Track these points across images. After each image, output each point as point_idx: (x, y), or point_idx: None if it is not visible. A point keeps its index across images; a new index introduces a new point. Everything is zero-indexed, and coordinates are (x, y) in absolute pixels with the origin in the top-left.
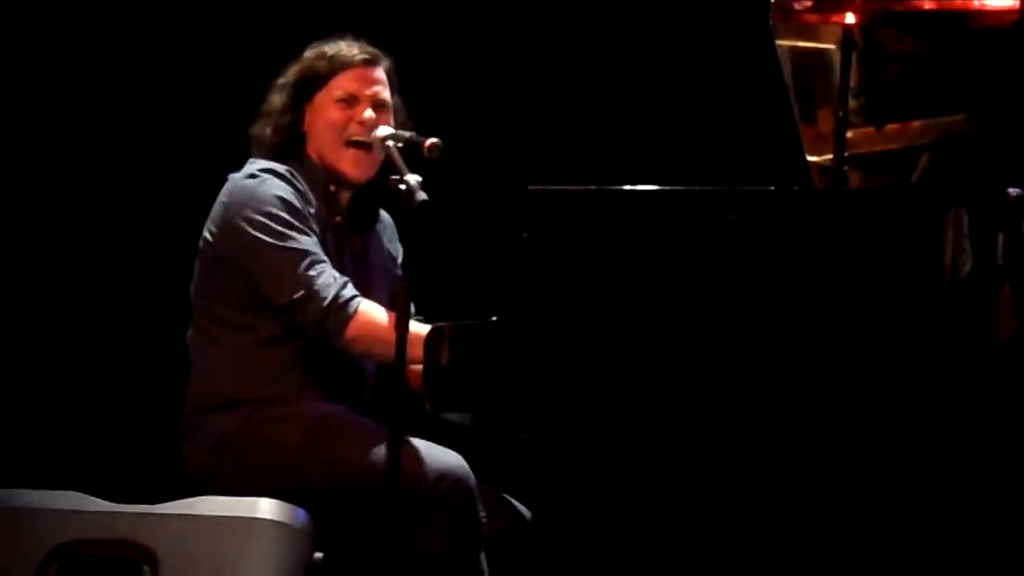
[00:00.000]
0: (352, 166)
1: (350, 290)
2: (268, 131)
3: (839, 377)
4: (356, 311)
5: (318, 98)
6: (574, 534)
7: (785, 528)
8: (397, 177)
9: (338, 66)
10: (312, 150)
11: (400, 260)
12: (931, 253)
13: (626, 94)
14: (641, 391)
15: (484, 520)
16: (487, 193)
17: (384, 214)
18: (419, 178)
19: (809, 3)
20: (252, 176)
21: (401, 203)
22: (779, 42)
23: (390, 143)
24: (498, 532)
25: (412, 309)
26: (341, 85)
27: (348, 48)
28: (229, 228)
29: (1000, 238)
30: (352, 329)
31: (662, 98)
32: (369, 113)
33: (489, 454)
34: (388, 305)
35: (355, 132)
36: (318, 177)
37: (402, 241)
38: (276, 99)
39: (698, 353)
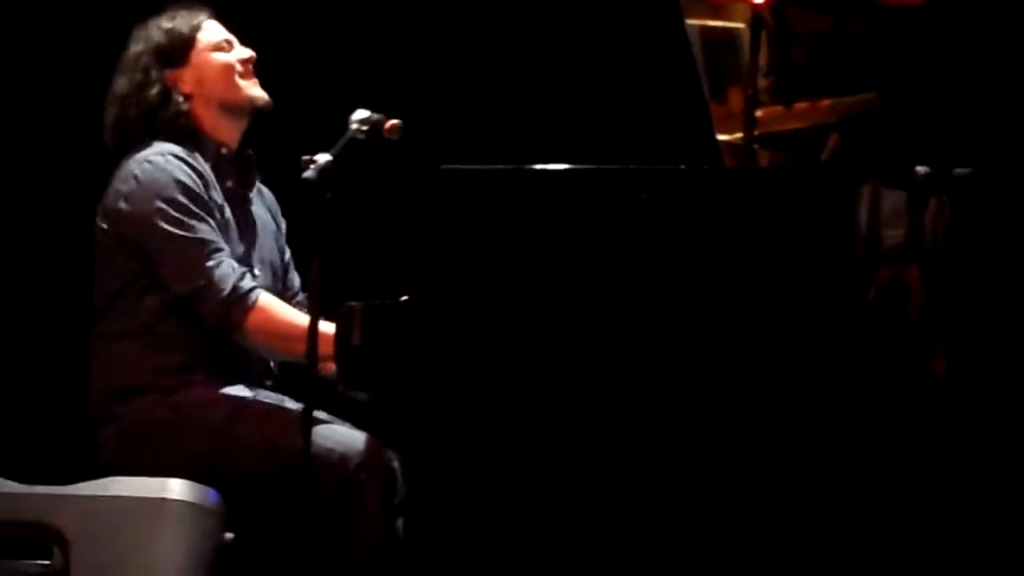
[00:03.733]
0: (257, 90)
1: (248, 281)
2: (132, 112)
3: (749, 357)
4: (255, 303)
5: (193, 56)
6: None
7: (690, 515)
8: (308, 157)
9: (196, 23)
10: (200, 108)
11: (284, 233)
12: (841, 231)
13: (538, 73)
14: (551, 371)
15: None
16: (400, 172)
17: (265, 189)
18: (329, 158)
19: None
20: (150, 160)
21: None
22: (689, 21)
23: (355, 125)
24: (411, 519)
25: (298, 284)
26: (207, 37)
27: (185, 8)
28: (128, 213)
29: (908, 217)
30: (251, 322)
31: (574, 77)
32: (247, 52)
33: (403, 437)
34: (273, 277)
35: (243, 70)
36: (209, 147)
37: (311, 219)
38: (129, 79)
39: (608, 333)
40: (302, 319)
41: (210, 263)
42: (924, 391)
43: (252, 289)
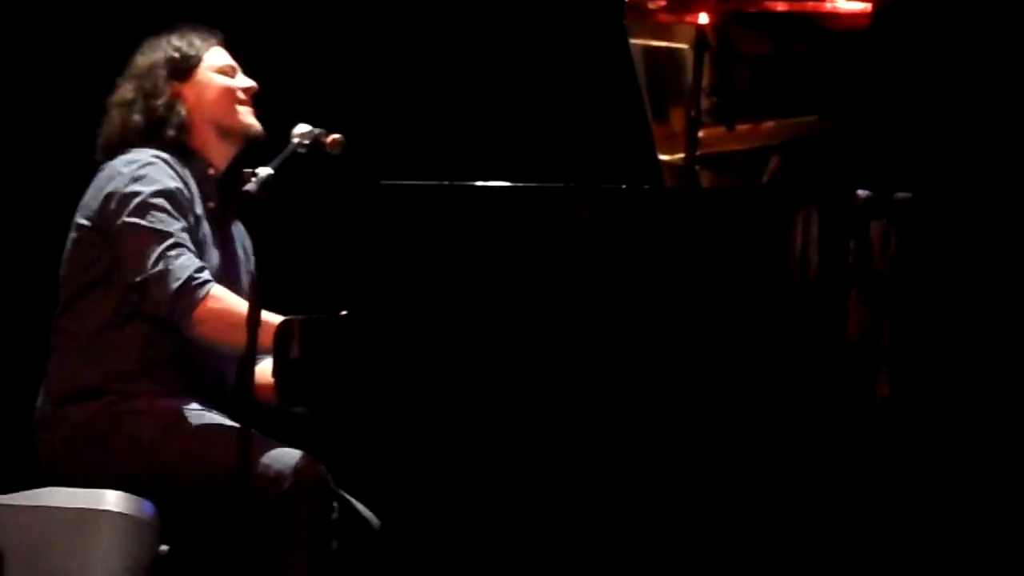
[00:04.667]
0: (252, 120)
1: (205, 275)
2: (136, 118)
3: (684, 377)
4: (207, 295)
5: (198, 73)
6: (422, 539)
7: (627, 530)
8: (250, 170)
9: (206, 44)
10: (197, 126)
11: (252, 255)
12: (780, 254)
13: (480, 90)
14: (487, 386)
15: (335, 518)
16: (340, 187)
17: (242, 226)
18: (270, 171)
19: (663, 3)
20: (136, 160)
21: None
22: (633, 41)
23: (296, 139)
24: (346, 537)
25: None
26: (214, 60)
27: (195, 30)
28: (108, 210)
29: (849, 240)
30: (200, 312)
31: (516, 95)
32: (250, 82)
33: (337, 454)
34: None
35: (243, 98)
36: (198, 164)
37: (249, 232)
38: (137, 86)
39: (548, 352)
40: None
41: (171, 253)
42: (867, 413)
43: (205, 282)
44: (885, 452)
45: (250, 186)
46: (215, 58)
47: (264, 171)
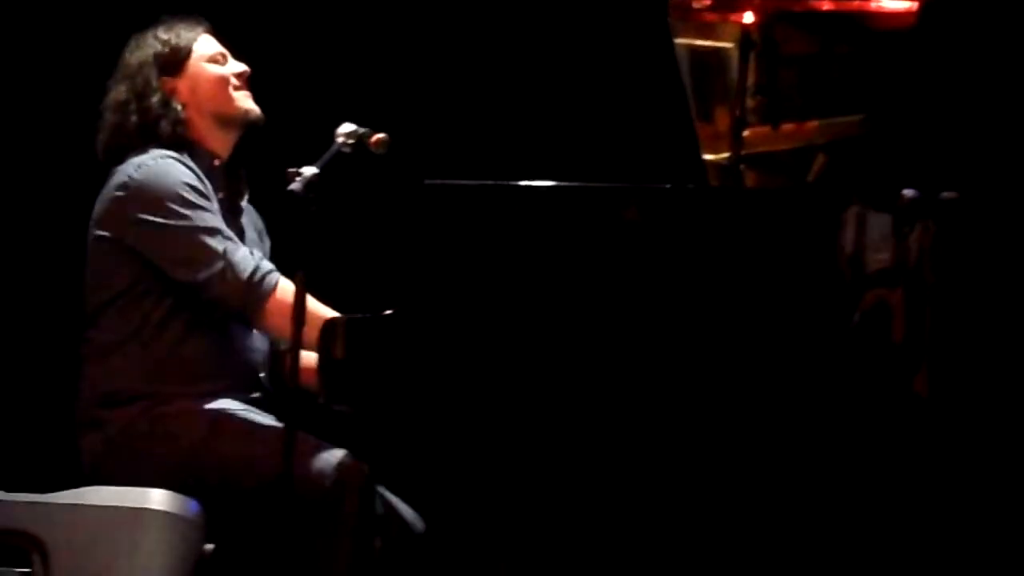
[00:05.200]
0: (250, 104)
1: (267, 265)
2: (132, 119)
3: (733, 377)
4: (276, 286)
5: (189, 66)
6: (466, 539)
7: (677, 531)
8: (295, 169)
9: (192, 35)
10: (195, 118)
11: (268, 251)
12: (824, 253)
13: (525, 90)
14: (532, 386)
15: (378, 516)
16: (384, 186)
17: (252, 208)
18: (315, 170)
19: (708, 2)
20: (148, 164)
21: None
22: (677, 40)
23: (341, 139)
24: (388, 534)
25: None
26: (203, 50)
27: (181, 20)
28: (134, 214)
29: (894, 239)
30: (272, 303)
31: (561, 94)
32: (242, 67)
33: (381, 454)
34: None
35: (238, 83)
36: (202, 157)
37: (295, 231)
38: (129, 87)
39: (594, 352)
40: (321, 308)
41: (227, 246)
42: (907, 411)
43: (271, 272)
44: (924, 451)
45: (295, 185)
46: (204, 47)
47: (309, 170)
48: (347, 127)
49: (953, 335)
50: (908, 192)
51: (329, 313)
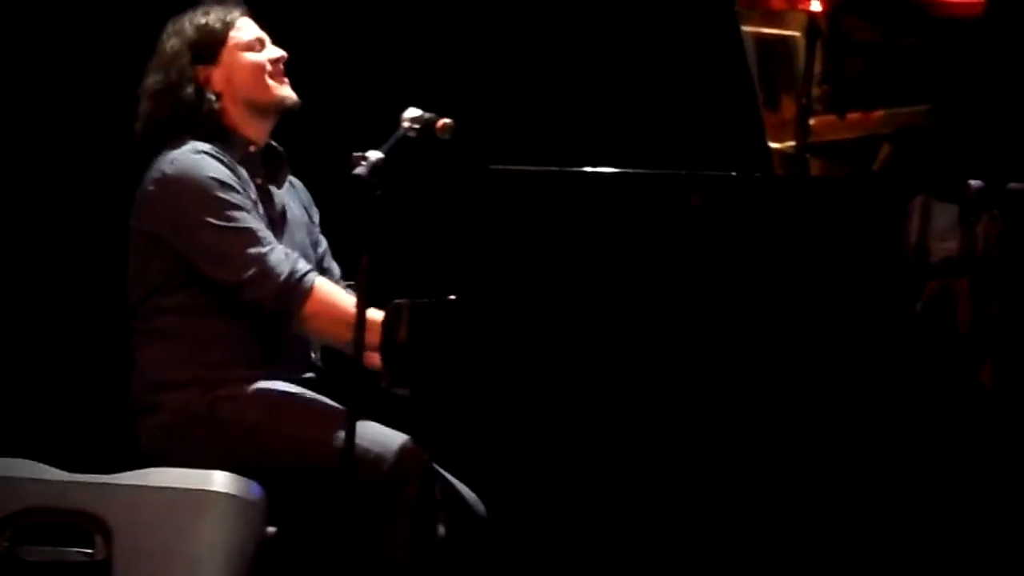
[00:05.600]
0: (286, 91)
1: (304, 265)
2: (166, 108)
3: (797, 364)
4: (312, 287)
5: (224, 54)
6: (528, 524)
7: (746, 522)
8: (360, 153)
9: (229, 20)
10: (230, 107)
11: (317, 223)
12: (890, 243)
13: (592, 77)
14: (598, 374)
15: (439, 501)
16: (449, 171)
17: (297, 181)
18: (380, 155)
19: None
20: (183, 159)
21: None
22: (744, 28)
23: (406, 123)
24: (450, 518)
25: (338, 273)
26: (239, 36)
27: (219, 4)
28: (166, 210)
29: (960, 230)
30: (309, 307)
31: (627, 81)
32: (279, 52)
33: (442, 436)
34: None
35: (273, 70)
36: (238, 144)
37: (360, 215)
38: (164, 75)
39: (657, 337)
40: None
41: (263, 249)
42: (971, 401)
43: (308, 272)
44: (989, 441)
45: (360, 170)
46: (241, 33)
47: (374, 155)
48: (413, 112)
49: (1019, 326)
50: (974, 182)
51: (376, 314)
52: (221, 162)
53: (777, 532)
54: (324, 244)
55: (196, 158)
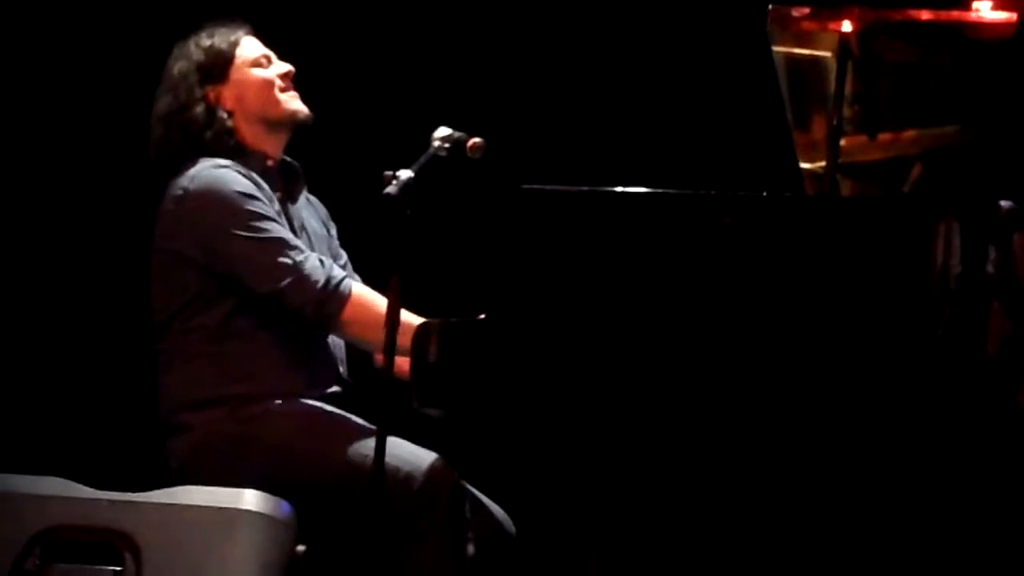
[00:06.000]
0: (297, 104)
1: (339, 271)
2: (178, 130)
3: (826, 383)
4: (350, 293)
5: (233, 72)
6: (557, 536)
7: (769, 531)
8: (391, 172)
9: (234, 39)
10: (243, 124)
11: (335, 236)
12: (920, 263)
13: (622, 96)
14: (629, 393)
15: (469, 521)
16: (480, 191)
17: (313, 197)
18: (411, 174)
19: (807, 10)
20: (203, 175)
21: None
22: (775, 48)
23: (437, 142)
24: (480, 536)
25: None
26: (246, 54)
27: (223, 26)
28: (192, 227)
29: (991, 251)
30: (348, 311)
31: (658, 101)
32: (286, 67)
33: (469, 455)
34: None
35: (283, 84)
36: (254, 160)
37: (391, 234)
38: (175, 97)
39: (687, 356)
40: (404, 314)
41: (298, 258)
42: (1007, 424)
43: (344, 279)
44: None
45: (391, 188)
46: (247, 51)
47: (405, 174)
48: (444, 131)
49: None
50: (1005, 203)
51: (412, 318)
52: (242, 175)
53: (807, 549)
54: (344, 257)
55: (218, 172)
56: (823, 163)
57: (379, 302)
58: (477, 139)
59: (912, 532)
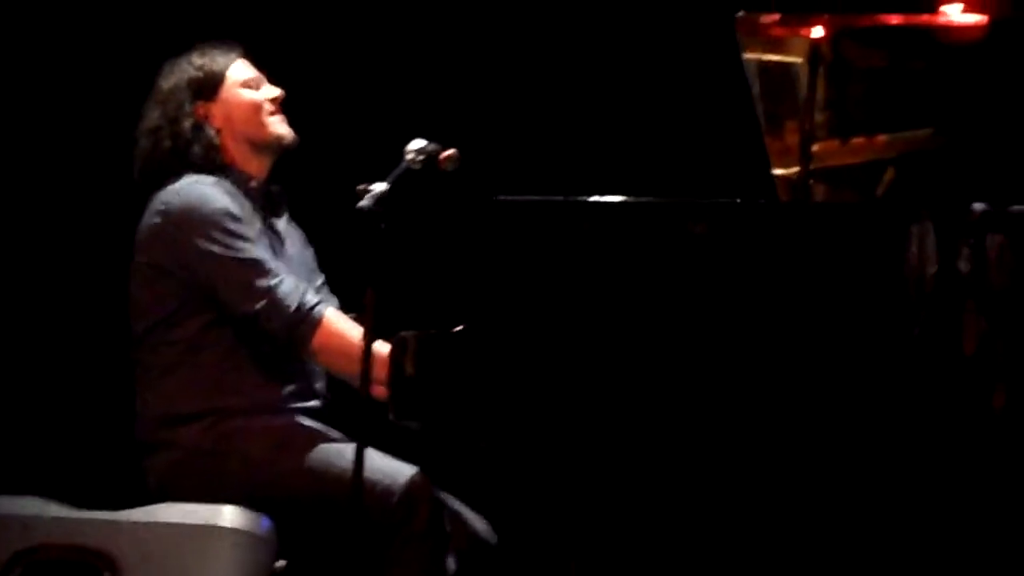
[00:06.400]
0: (284, 129)
1: (312, 297)
2: (165, 144)
3: (804, 387)
4: (322, 319)
5: (223, 91)
6: (537, 546)
7: (749, 536)
8: (364, 186)
9: (226, 60)
10: (228, 143)
11: (314, 258)
12: (894, 267)
13: (595, 106)
14: (606, 402)
15: (449, 534)
16: (455, 202)
17: (291, 221)
18: (385, 187)
19: (776, 17)
20: (187, 190)
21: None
22: (746, 55)
23: (411, 155)
24: (460, 549)
25: (337, 305)
26: (237, 75)
27: (216, 46)
28: (173, 242)
29: (964, 253)
30: (318, 339)
31: (629, 110)
32: (276, 91)
33: (448, 466)
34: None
35: (272, 108)
36: (239, 179)
37: (365, 248)
38: (161, 112)
39: (664, 365)
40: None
41: (272, 281)
42: (982, 425)
43: (317, 304)
44: (1002, 464)
45: (365, 202)
46: (239, 72)
47: (379, 187)
48: (417, 143)
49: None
50: (978, 206)
51: (384, 347)
52: (226, 193)
53: (791, 553)
54: (321, 278)
55: (201, 189)
56: (796, 169)
57: (350, 332)
58: (451, 151)
59: (891, 531)
